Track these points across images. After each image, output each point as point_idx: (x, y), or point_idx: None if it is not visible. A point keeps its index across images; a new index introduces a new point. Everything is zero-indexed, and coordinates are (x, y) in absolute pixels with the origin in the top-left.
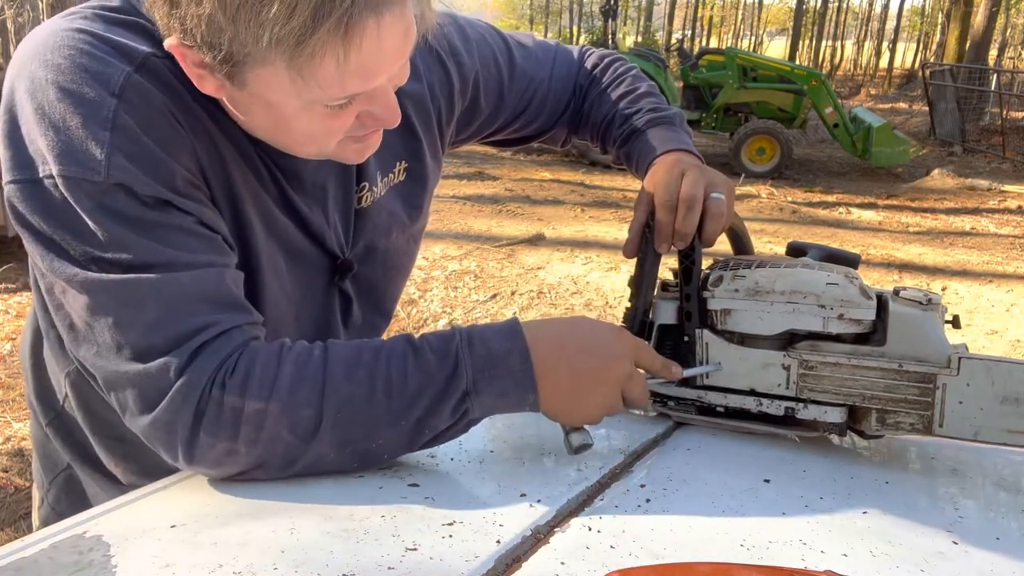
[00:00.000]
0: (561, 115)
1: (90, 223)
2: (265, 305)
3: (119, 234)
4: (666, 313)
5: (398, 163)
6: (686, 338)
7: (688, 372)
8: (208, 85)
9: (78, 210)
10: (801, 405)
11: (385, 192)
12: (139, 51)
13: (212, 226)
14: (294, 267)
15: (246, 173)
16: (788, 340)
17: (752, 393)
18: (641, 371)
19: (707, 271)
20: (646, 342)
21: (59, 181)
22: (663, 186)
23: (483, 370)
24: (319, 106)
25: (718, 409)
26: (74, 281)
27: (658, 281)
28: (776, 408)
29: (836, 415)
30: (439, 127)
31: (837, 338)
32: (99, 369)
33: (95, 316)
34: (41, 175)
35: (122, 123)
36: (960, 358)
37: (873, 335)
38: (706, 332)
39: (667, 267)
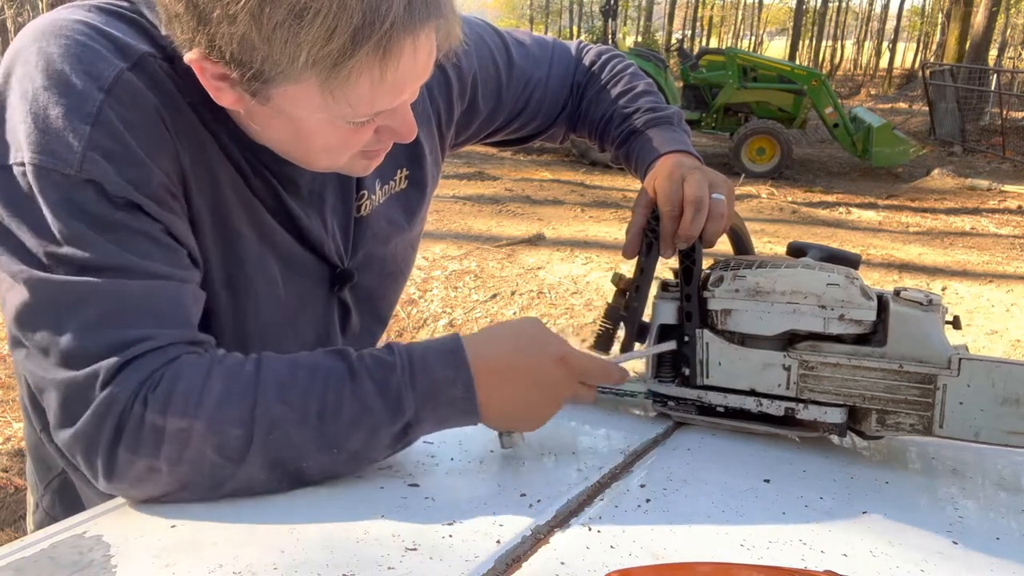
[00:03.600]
0: (559, 113)
1: (51, 216)
2: (258, 314)
3: (79, 231)
4: (666, 313)
5: (399, 171)
6: (686, 338)
7: (622, 358)
8: (226, 98)
9: (41, 201)
10: (801, 405)
11: (384, 200)
12: (136, 49)
13: (180, 238)
14: (292, 277)
15: (237, 181)
16: (788, 340)
17: (752, 393)
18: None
19: (707, 271)
20: (590, 357)
21: (29, 169)
22: (665, 194)
23: (425, 402)
24: (342, 121)
25: (718, 409)
26: (19, 276)
27: (658, 281)
28: (776, 408)
29: (836, 415)
30: (439, 131)
31: (837, 339)
32: (30, 373)
33: (31, 315)
34: (11, 161)
35: (105, 119)
36: (960, 359)
37: (873, 336)
38: (706, 332)
39: (667, 267)
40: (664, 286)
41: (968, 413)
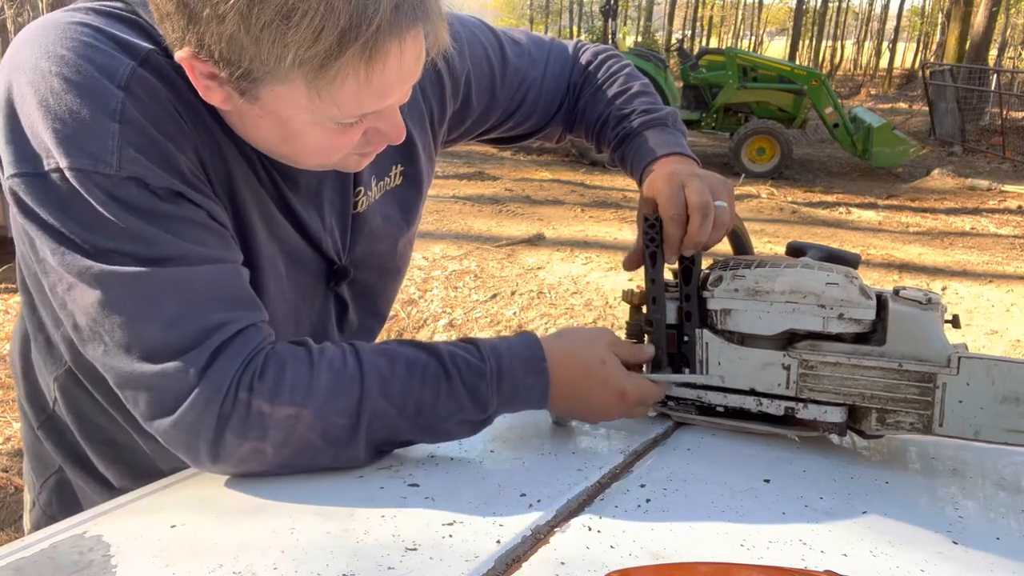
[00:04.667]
0: (555, 113)
1: (105, 213)
2: (265, 306)
3: (134, 225)
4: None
5: (394, 167)
6: (686, 338)
7: (672, 378)
8: (215, 96)
9: (91, 202)
10: (801, 405)
11: (380, 196)
12: (141, 47)
13: (221, 221)
14: (293, 271)
15: (247, 173)
16: (788, 340)
17: (752, 393)
18: (643, 393)
19: (707, 271)
20: (648, 388)
21: (69, 174)
22: (669, 200)
23: (506, 401)
24: (330, 123)
25: (718, 409)
26: (87, 275)
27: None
28: (776, 408)
29: (836, 415)
30: (432, 128)
31: (837, 338)
32: (110, 369)
33: (106, 312)
34: (47, 168)
35: (130, 115)
36: (960, 357)
37: (873, 335)
38: (706, 332)
39: (667, 267)
40: (664, 286)
41: (968, 411)
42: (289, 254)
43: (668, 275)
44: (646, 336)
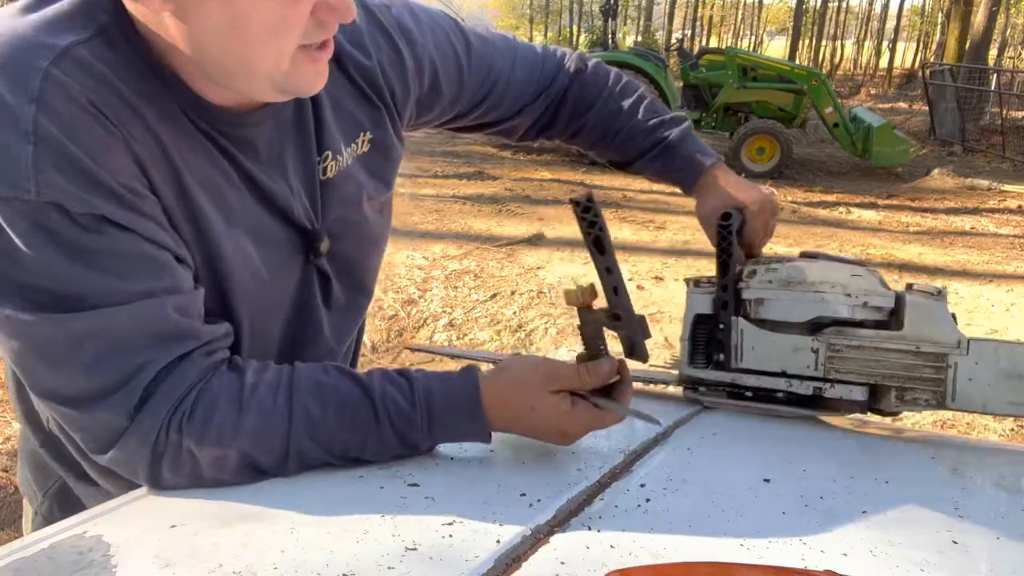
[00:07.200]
0: (525, 107)
1: (22, 246)
2: (238, 296)
3: (53, 261)
4: (702, 304)
5: (362, 133)
6: (721, 326)
7: (610, 405)
8: (153, 2)
9: (11, 234)
10: (828, 384)
11: (351, 162)
12: (58, 45)
13: (156, 240)
14: (265, 251)
15: (192, 156)
16: (814, 326)
17: (783, 375)
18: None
19: (739, 267)
20: (589, 420)
21: None
22: (764, 200)
23: (440, 439)
24: None
25: (746, 393)
26: (5, 323)
27: (690, 279)
28: (805, 388)
29: (860, 394)
30: (395, 104)
31: (860, 324)
32: (45, 407)
33: (27, 358)
34: None
35: (44, 133)
36: (969, 340)
37: (891, 321)
38: (740, 320)
39: (692, 268)
40: (696, 282)
41: (976, 388)
42: (256, 232)
43: (682, 275)
44: (607, 333)
